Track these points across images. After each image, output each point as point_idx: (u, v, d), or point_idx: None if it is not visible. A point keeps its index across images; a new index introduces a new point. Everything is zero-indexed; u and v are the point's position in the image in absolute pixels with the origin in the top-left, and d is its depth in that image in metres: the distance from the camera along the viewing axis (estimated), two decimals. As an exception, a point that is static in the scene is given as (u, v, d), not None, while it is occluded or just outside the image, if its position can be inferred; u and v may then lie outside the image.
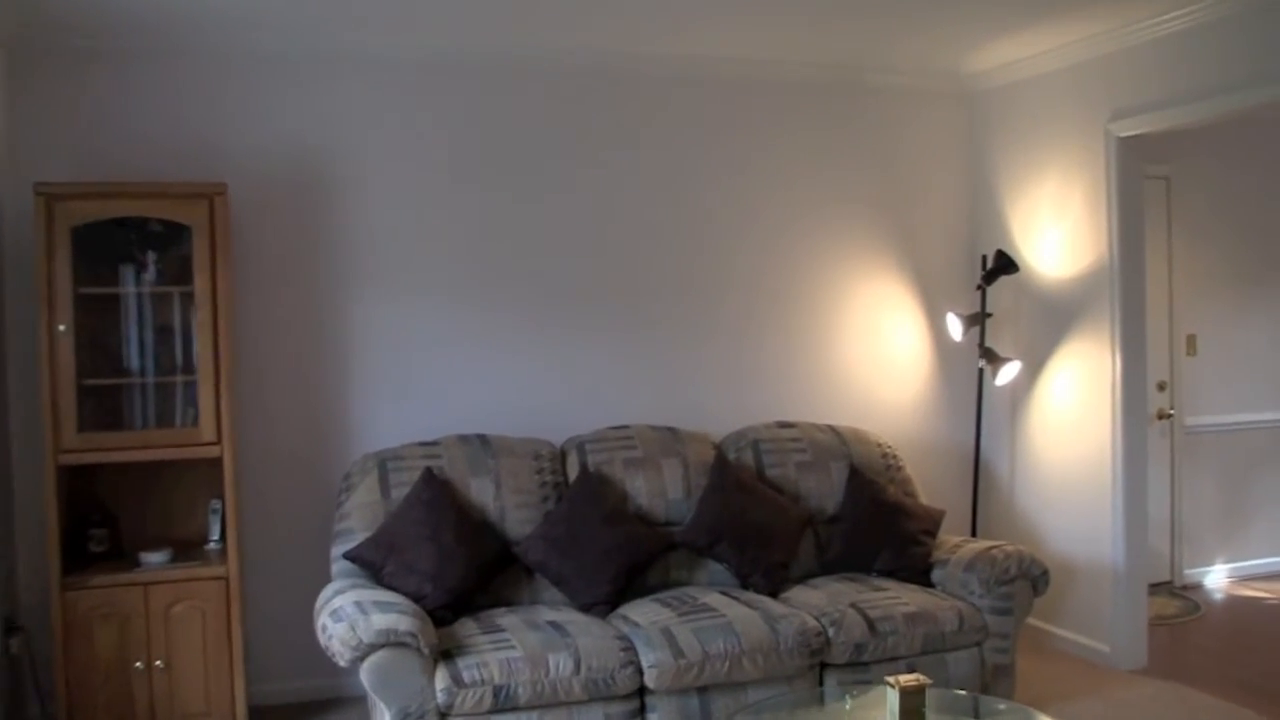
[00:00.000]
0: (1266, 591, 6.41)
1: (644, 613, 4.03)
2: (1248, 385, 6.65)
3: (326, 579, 4.16)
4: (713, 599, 4.14)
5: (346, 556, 4.13)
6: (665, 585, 4.42)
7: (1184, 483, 6.45)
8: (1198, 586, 6.48)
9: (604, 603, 4.16)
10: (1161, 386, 6.31)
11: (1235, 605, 6.15)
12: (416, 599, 3.89)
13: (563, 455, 4.65)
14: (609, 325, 5.10)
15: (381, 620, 3.53)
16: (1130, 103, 4.77)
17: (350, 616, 3.57)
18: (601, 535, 4.26)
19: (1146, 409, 5.05)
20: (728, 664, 3.81)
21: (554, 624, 3.88)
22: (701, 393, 5.22)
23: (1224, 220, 6.54)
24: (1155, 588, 6.18)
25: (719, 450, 4.81)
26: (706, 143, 5.24)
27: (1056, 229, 5.21)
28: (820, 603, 4.19)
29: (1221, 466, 6.59)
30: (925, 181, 5.67)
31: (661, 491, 4.59)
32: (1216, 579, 6.60)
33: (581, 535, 4.25)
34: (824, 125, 5.44)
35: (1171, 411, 6.35)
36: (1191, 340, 6.45)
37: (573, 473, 4.55)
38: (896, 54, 5.20)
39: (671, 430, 4.81)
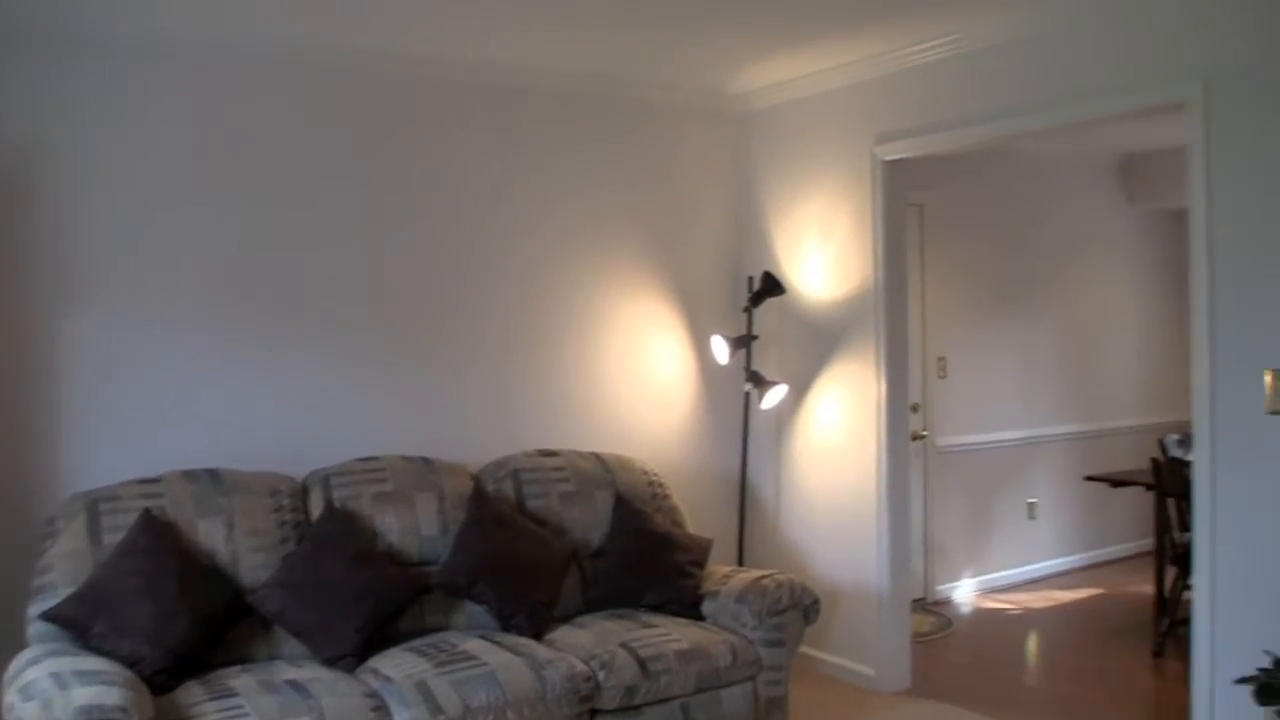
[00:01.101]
0: (1008, 602, 6.68)
1: (397, 664, 3.66)
2: (992, 406, 6.93)
3: (20, 646, 3.55)
4: (473, 645, 3.82)
5: (44, 617, 3.51)
6: (420, 631, 4.05)
7: (935, 501, 6.63)
8: (948, 601, 6.67)
9: (352, 655, 3.75)
10: (915, 408, 6.45)
11: (982, 618, 6.36)
12: (131, 664, 3.35)
13: (305, 491, 4.19)
14: (361, 349, 4.65)
15: (84, 694, 2.97)
16: (894, 127, 4.80)
17: (44, 693, 3.00)
18: (347, 579, 3.85)
19: (908, 431, 5.08)
20: (491, 718, 3.50)
21: (294, 683, 3.44)
22: (460, 421, 4.86)
23: (969, 246, 6.80)
24: (911, 605, 6.31)
25: (477, 481, 4.48)
26: (472, 154, 4.88)
27: (823, 251, 5.19)
28: (588, 644, 3.94)
29: (968, 485, 6.83)
30: (694, 201, 5.54)
31: (415, 528, 4.22)
32: (964, 593, 6.81)
33: (325, 580, 3.83)
34: (593, 140, 5.21)
35: (924, 433, 6.51)
36: (942, 363, 6.64)
37: (316, 510, 4.11)
38: (666, 69, 5.04)
39: (426, 461, 4.44)
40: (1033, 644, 5.89)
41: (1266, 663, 3.26)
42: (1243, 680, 3.27)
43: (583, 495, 4.62)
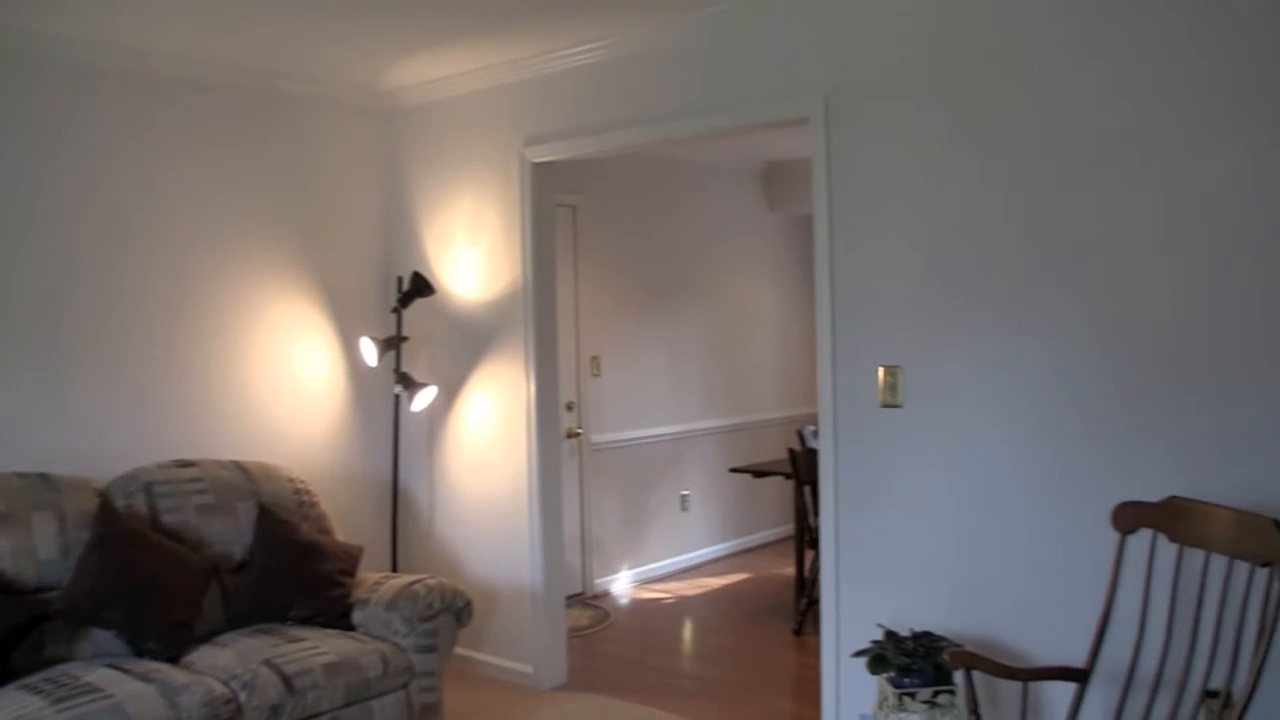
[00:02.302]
0: (664, 591, 6.92)
1: (7, 706, 3.29)
2: (645, 402, 7.15)
3: None
4: (98, 676, 3.49)
5: None
6: (39, 665, 3.65)
7: (591, 497, 6.76)
8: (606, 595, 6.82)
9: (-54, 702, 3.35)
10: (570, 406, 6.56)
11: (639, 609, 6.54)
12: None
13: (-108, 518, 3.71)
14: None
15: None
16: (543, 130, 4.85)
17: None
18: (-58, 615, 3.45)
19: (559, 429, 5.14)
20: (116, 754, 3.22)
21: None
22: (89, 431, 4.44)
23: (621, 248, 6.99)
24: (569, 600, 6.38)
25: (104, 497, 4.12)
26: (105, 146, 4.46)
27: (472, 252, 5.17)
28: (229, 664, 3.72)
29: (623, 479, 7.02)
30: (342, 199, 5.36)
31: (30, 551, 3.82)
32: (622, 585, 6.99)
33: (-86, 618, 3.41)
34: (236, 134, 4.91)
35: (579, 430, 6.62)
36: (596, 361, 6.79)
37: (-95, 538, 3.65)
38: (312, 62, 4.83)
39: (43, 477, 4.03)
40: (686, 630, 6.12)
41: (881, 635, 3.52)
42: (859, 653, 3.53)
43: (223, 507, 4.35)
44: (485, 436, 5.16)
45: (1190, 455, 3.10)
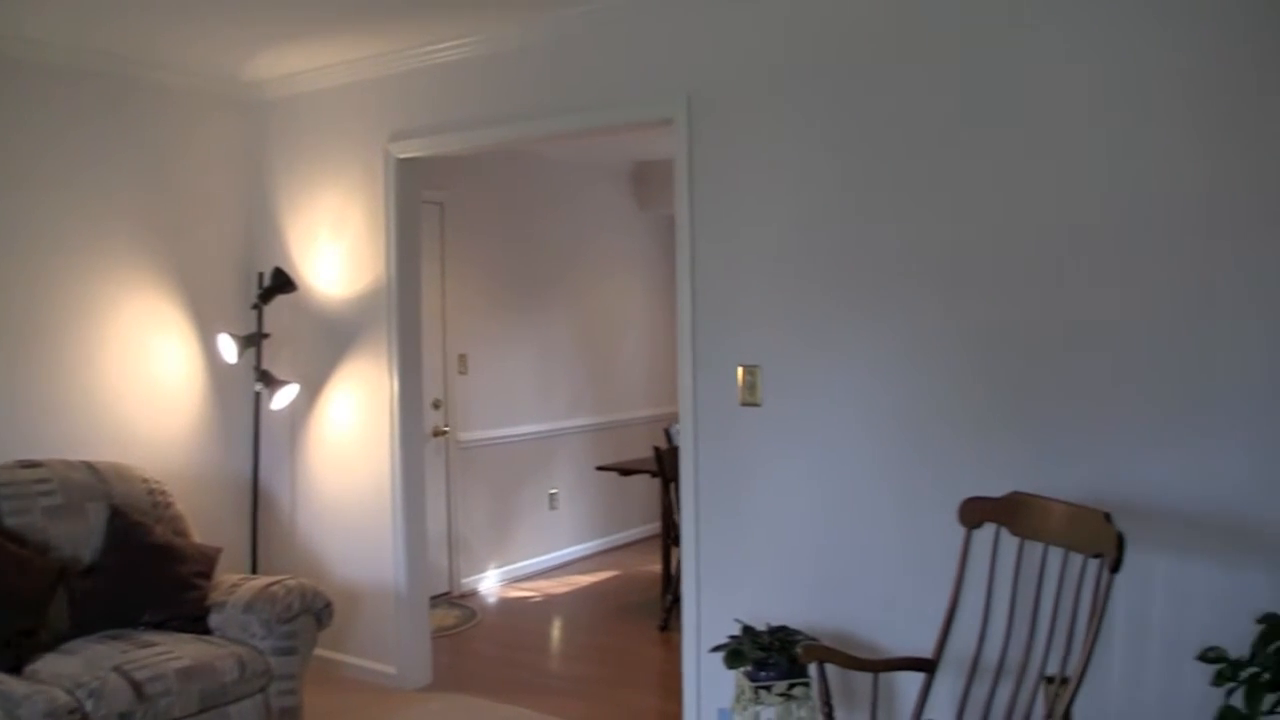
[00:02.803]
0: (532, 590, 6.92)
1: None
2: (513, 400, 7.14)
3: None
4: (-70, 688, 3.35)
5: None
6: None
7: (459, 496, 6.72)
8: (473, 594, 6.79)
9: None
10: (437, 404, 6.51)
11: (507, 608, 6.54)
12: None
13: None
14: None
15: None
16: (409, 125, 4.80)
17: None
18: None
19: (423, 428, 5.10)
20: (-50, 768, 3.09)
21: None
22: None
23: (490, 245, 6.96)
24: (435, 600, 6.36)
25: (-59, 502, 3.95)
26: None
27: (336, 248, 5.09)
28: (75, 672, 3.59)
29: (491, 478, 6.99)
30: (203, 192, 5.20)
31: None
32: (490, 584, 6.97)
33: None
34: (93, 122, 4.71)
35: (446, 428, 6.58)
36: (463, 359, 6.75)
37: None
38: (173, 50, 4.68)
39: (-128, 481, 3.85)
40: (554, 629, 6.13)
41: (739, 630, 3.60)
42: (716, 648, 3.59)
43: (71, 508, 4.20)
44: (348, 435, 5.09)
45: (1038, 452, 3.25)
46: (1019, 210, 3.27)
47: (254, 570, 5.18)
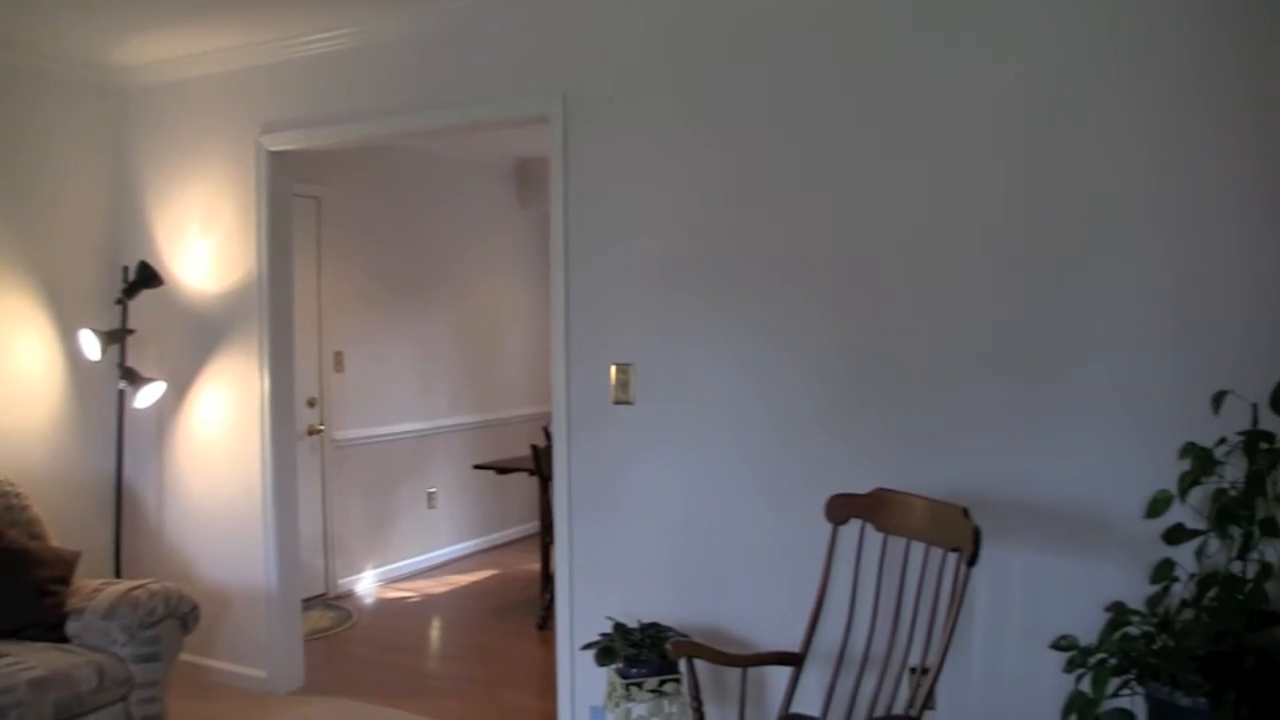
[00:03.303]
0: (410, 590, 6.84)
1: None
2: (391, 398, 7.04)
3: None
4: None
5: None
6: None
7: (334, 495, 6.60)
8: (350, 595, 6.68)
9: None
10: (312, 403, 6.38)
11: (384, 608, 6.45)
12: None
13: None
14: None
15: None
16: (281, 117, 4.69)
17: None
18: None
19: (294, 426, 4.99)
20: None
21: None
22: None
23: (369, 241, 6.85)
24: (310, 602, 6.24)
25: None
26: None
27: (206, 241, 4.94)
28: (-81, 683, 3.43)
29: (368, 477, 6.89)
30: (63, 182, 4.99)
31: None
32: (367, 585, 6.86)
33: None
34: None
35: (322, 427, 6.46)
36: (339, 357, 6.63)
37: None
38: (34, 32, 4.48)
39: None
40: (433, 629, 6.07)
41: (610, 628, 3.61)
42: (587, 646, 3.60)
43: (-84, 513, 4.01)
44: (217, 433, 4.95)
45: (903, 449, 3.34)
46: (888, 211, 3.35)
47: (118, 574, 5.01)
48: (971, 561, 2.65)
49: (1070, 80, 3.06)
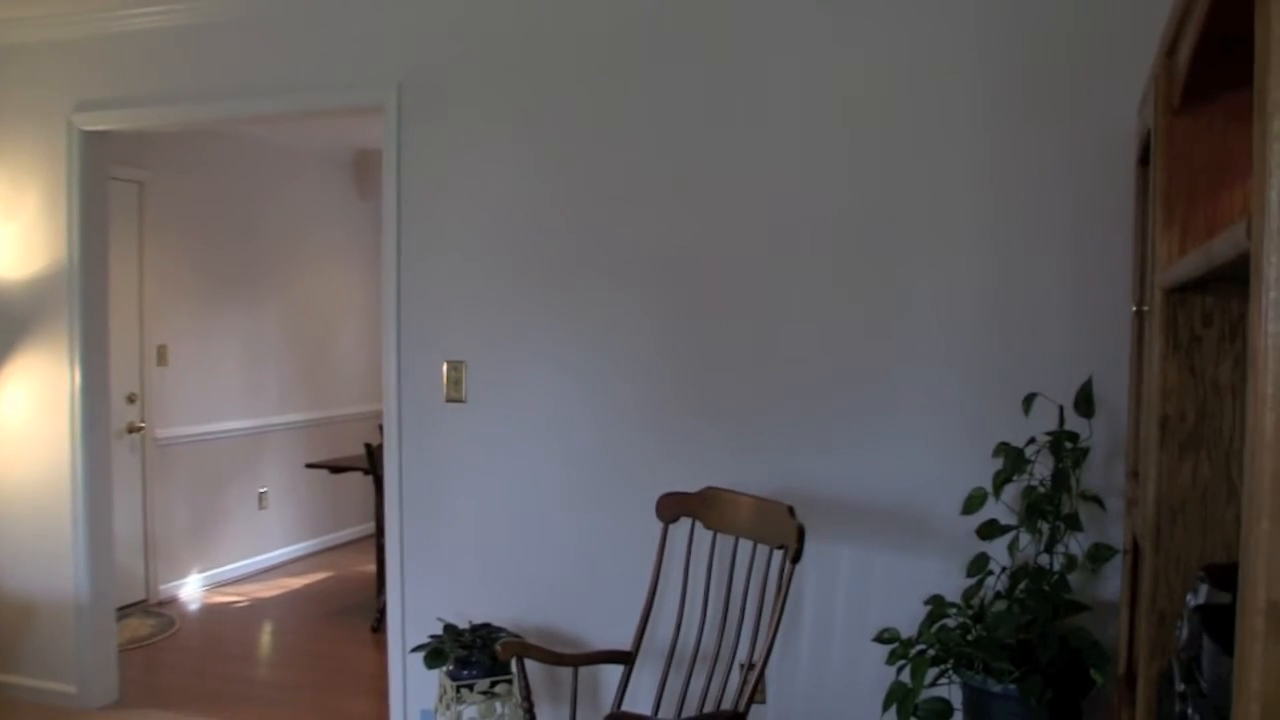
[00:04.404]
0: (239, 595, 6.59)
1: None
2: (218, 395, 6.77)
3: None
4: None
5: None
6: None
7: (156, 496, 6.31)
8: (173, 600, 6.39)
9: None
10: (132, 399, 6.09)
11: (210, 614, 6.19)
12: None
13: None
14: None
15: None
16: (97, 95, 4.42)
17: None
18: None
19: (110, 422, 4.72)
20: None
21: None
22: None
23: (196, 230, 6.57)
24: (128, 609, 5.96)
25: None
26: None
27: (9, 225, 4.63)
28: None
29: (194, 477, 6.60)
30: None
31: None
32: (192, 590, 6.58)
33: None
34: None
35: (142, 424, 6.16)
36: (163, 351, 6.33)
37: None
38: None
39: None
40: (263, 635, 5.85)
41: (440, 629, 3.53)
42: (417, 648, 3.52)
43: None
44: (20, 430, 4.63)
45: (734, 446, 3.37)
46: (714, 211, 3.37)
47: (-92, 583, 4.67)
48: (795, 558, 2.67)
49: (905, 83, 3.13)
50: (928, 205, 3.11)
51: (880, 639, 2.83)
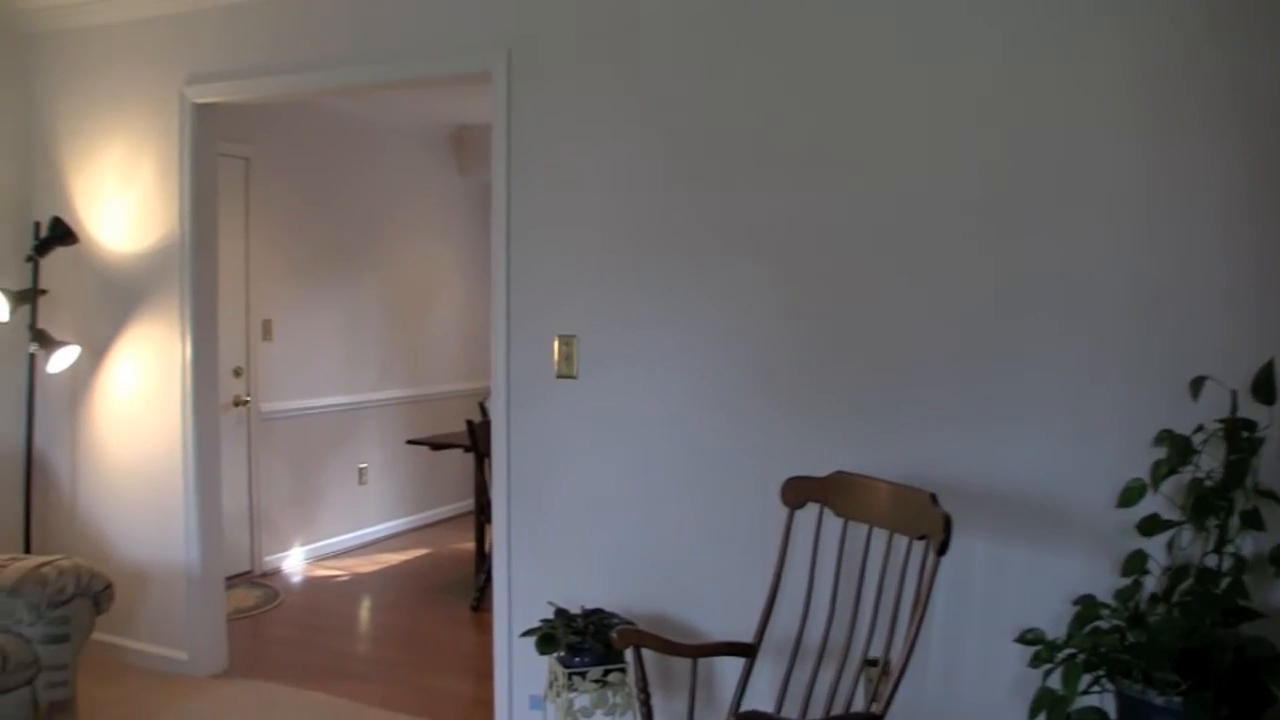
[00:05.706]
0: (339, 569, 6.61)
1: None
2: (319, 370, 6.78)
3: None
4: None
5: None
6: None
7: (261, 469, 6.35)
8: (277, 572, 6.44)
9: None
10: (238, 372, 6.12)
11: (312, 587, 6.22)
12: None
13: None
14: None
15: None
16: (206, 68, 4.41)
17: None
18: None
19: (218, 396, 4.72)
20: None
21: None
22: None
23: (299, 206, 6.57)
24: (235, 579, 6.00)
25: None
26: None
27: (123, 198, 4.65)
28: None
29: (296, 451, 6.63)
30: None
31: None
32: (295, 562, 6.63)
33: None
34: None
35: (248, 398, 6.19)
36: (268, 325, 6.36)
37: None
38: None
39: None
40: (362, 609, 5.86)
41: (552, 613, 3.44)
42: (527, 632, 3.43)
43: None
44: (136, 402, 4.67)
45: (862, 431, 3.20)
46: (847, 187, 3.20)
47: (27, 549, 4.73)
48: (942, 550, 2.51)
49: (1055, 51, 2.93)
50: (1069, 171, 2.91)
51: (1023, 640, 2.65)
